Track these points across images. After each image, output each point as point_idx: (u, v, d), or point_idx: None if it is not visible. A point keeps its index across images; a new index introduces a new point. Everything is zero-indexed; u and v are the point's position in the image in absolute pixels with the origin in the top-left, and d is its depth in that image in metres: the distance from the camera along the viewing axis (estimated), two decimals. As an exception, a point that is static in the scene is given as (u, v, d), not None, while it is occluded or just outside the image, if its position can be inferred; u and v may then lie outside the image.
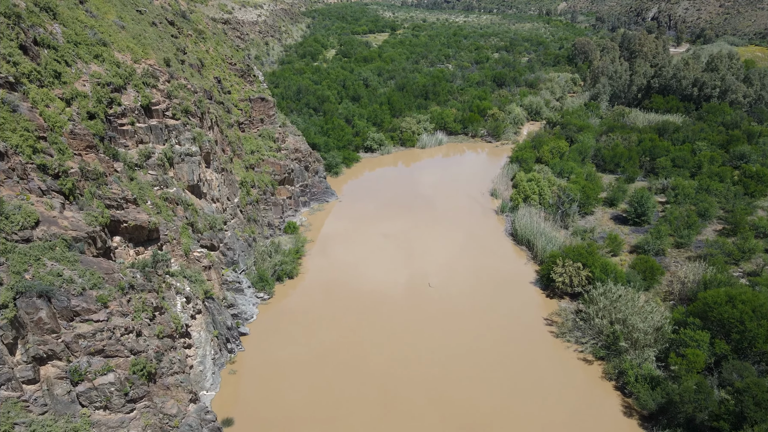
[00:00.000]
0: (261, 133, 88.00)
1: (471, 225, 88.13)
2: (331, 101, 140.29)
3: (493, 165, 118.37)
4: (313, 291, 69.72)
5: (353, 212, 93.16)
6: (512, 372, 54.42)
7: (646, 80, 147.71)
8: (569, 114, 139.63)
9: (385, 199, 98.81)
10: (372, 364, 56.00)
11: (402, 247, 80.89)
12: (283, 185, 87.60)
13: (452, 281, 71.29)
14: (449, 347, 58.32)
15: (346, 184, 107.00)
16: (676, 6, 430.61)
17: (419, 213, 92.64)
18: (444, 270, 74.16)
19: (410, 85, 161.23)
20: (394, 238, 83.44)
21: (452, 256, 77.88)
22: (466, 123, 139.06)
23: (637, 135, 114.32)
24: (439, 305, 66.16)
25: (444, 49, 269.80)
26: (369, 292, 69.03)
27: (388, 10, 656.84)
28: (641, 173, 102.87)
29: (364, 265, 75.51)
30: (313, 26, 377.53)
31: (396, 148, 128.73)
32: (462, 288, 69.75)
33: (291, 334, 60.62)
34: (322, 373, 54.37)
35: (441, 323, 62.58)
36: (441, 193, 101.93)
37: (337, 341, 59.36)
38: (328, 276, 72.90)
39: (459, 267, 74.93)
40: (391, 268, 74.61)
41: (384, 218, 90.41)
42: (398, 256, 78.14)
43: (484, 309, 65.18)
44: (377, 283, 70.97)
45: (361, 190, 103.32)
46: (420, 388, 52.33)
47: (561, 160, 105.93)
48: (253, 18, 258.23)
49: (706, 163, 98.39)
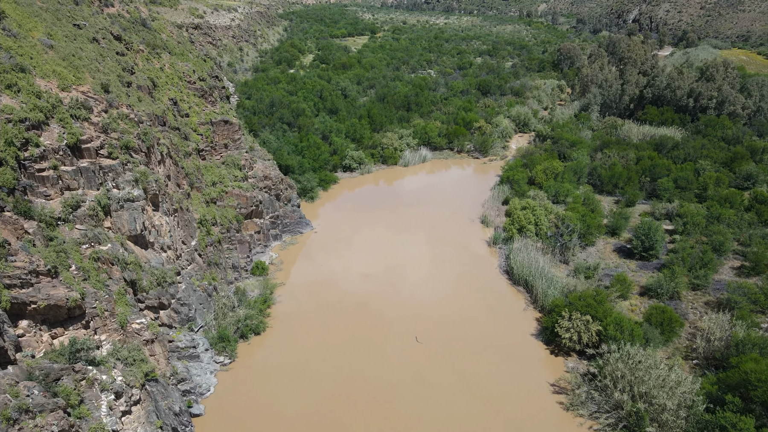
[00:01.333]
0: (225, 161, 78.16)
1: (462, 260, 79.34)
2: (307, 115, 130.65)
3: (481, 185, 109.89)
4: (282, 350, 60.17)
5: (329, 245, 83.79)
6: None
7: (639, 90, 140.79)
8: (560, 127, 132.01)
9: (364, 228, 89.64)
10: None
11: (384, 290, 71.75)
12: (251, 219, 77.90)
13: (442, 335, 62.34)
14: (440, 428, 49.34)
15: (323, 210, 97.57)
16: (656, 8, 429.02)
17: (403, 246, 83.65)
18: (433, 320, 65.18)
19: (391, 96, 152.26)
20: (374, 279, 74.27)
21: (442, 302, 68.93)
22: (451, 137, 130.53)
23: (634, 152, 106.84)
24: (429, 368, 57.15)
25: (425, 54, 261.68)
26: (346, 350, 59.79)
27: (368, 11, 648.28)
28: (642, 195, 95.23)
29: (340, 316, 66.22)
30: (290, 29, 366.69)
31: (377, 166, 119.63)
32: (454, 345, 60.83)
33: (255, 409, 51.09)
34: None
35: (430, 392, 53.57)
36: (427, 219, 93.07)
37: (310, 416, 49.98)
38: (300, 330, 63.42)
39: (450, 316, 66.03)
40: (372, 320, 65.43)
41: (363, 253, 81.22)
42: (379, 302, 68.96)
43: (481, 373, 56.33)
44: (354, 340, 61.75)
45: (339, 218, 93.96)
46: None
47: (556, 181, 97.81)
48: (226, 22, 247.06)
49: (711, 184, 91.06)
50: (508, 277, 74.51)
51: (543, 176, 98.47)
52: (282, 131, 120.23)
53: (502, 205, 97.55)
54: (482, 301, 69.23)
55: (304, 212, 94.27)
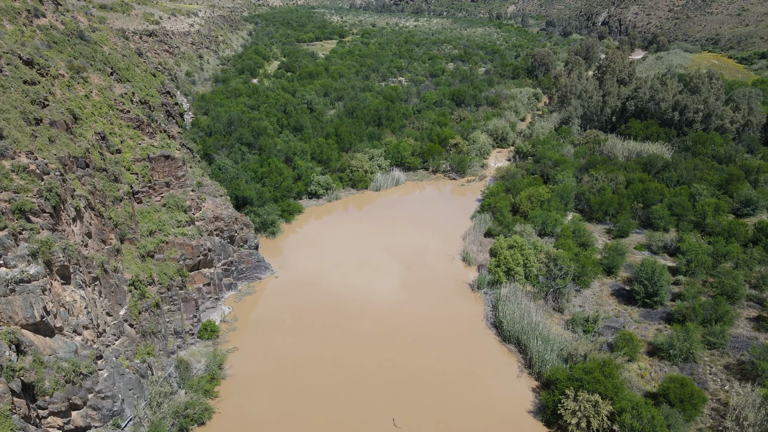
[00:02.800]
0: (166, 202, 66.93)
1: (443, 311, 69.72)
2: (269, 134, 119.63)
3: (460, 211, 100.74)
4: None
5: (290, 294, 73.26)
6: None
7: (621, 102, 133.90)
8: (540, 143, 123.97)
9: (330, 270, 79.39)
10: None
11: (352, 354, 61.65)
12: (198, 270, 66.87)
13: (423, 414, 52.58)
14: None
15: (286, 246, 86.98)
16: (625, 10, 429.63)
17: (374, 293, 73.68)
18: (411, 391, 55.39)
19: (360, 110, 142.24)
20: (340, 339, 64.12)
21: (422, 368, 59.11)
22: (426, 156, 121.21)
23: (623, 174, 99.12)
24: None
25: (396, 60, 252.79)
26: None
27: (336, 13, 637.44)
28: (635, 225, 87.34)
29: (301, 391, 55.88)
30: (255, 33, 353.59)
31: (346, 191, 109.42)
32: (437, 429, 51.15)
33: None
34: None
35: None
36: (402, 257, 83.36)
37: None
38: (254, 414, 52.87)
39: (431, 386, 56.30)
40: (342, 392, 55.29)
41: (328, 305, 70.95)
42: (347, 370, 58.85)
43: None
44: (322, 417, 51.55)
45: (303, 257, 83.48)
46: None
47: (542, 209, 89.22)
48: (185, 28, 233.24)
49: (710, 212, 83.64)
50: (497, 332, 65.16)
51: (528, 204, 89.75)
52: (241, 154, 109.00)
53: (484, 238, 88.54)
54: (469, 364, 59.73)
55: (265, 250, 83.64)
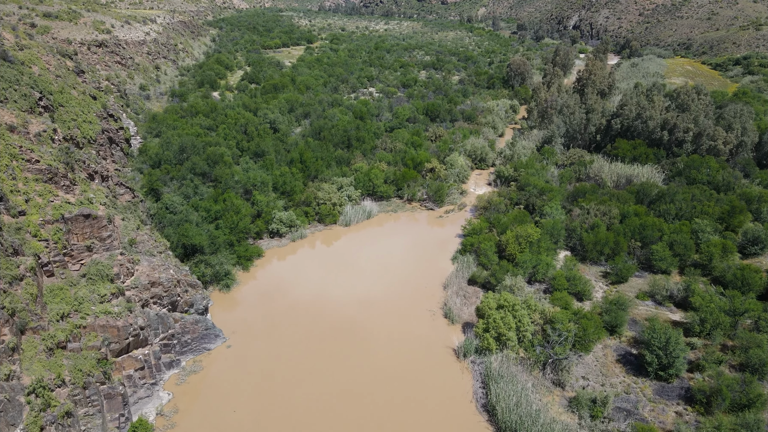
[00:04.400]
0: (87, 272, 54.93)
1: (424, 388, 59.22)
2: (227, 162, 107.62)
3: (440, 249, 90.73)
4: None
5: (243, 369, 61.94)
6: None
7: (606, 120, 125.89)
8: (523, 166, 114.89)
9: (290, 334, 68.33)
10: None
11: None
12: (128, 353, 55.07)
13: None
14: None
15: (241, 303, 75.51)
16: (596, 14, 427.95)
17: (343, 368, 62.90)
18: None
19: (328, 129, 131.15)
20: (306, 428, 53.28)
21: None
22: (400, 183, 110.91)
23: (617, 205, 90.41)
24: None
25: (366, 68, 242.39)
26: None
27: (305, 16, 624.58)
28: (635, 268, 78.51)
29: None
30: (219, 39, 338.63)
31: (312, 226, 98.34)
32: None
33: None
34: None
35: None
36: (376, 314, 72.72)
37: None
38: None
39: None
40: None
41: (285, 382, 59.91)
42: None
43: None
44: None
45: (260, 316, 72.13)
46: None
47: (531, 252, 79.72)
48: (140, 37, 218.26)
49: (717, 254, 75.32)
50: (489, 419, 55.06)
51: (516, 246, 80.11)
52: (193, 188, 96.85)
53: (468, 285, 78.62)
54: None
55: (217, 309, 72.20)
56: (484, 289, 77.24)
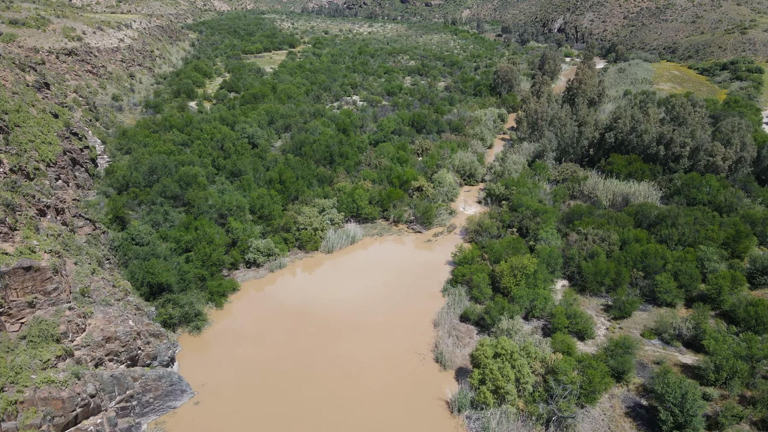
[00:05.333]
0: (28, 333, 48.00)
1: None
2: (200, 183, 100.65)
3: (429, 278, 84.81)
4: None
5: (213, 430, 55.42)
6: None
7: (599, 133, 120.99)
8: (514, 183, 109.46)
9: (268, 383, 61.90)
10: None
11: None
12: (75, 426, 48.21)
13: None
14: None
15: (213, 346, 68.77)
16: (581, 17, 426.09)
17: (325, 416, 56.64)
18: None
19: (310, 144, 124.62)
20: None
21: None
22: (385, 203, 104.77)
23: (616, 230, 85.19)
24: None
25: (350, 75, 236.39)
26: None
27: (288, 19, 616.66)
28: (639, 302, 73.18)
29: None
30: (198, 44, 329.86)
31: (292, 253, 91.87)
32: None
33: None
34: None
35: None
36: (360, 356, 66.51)
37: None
38: None
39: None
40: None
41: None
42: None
43: None
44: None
45: (234, 364, 65.55)
46: None
47: (527, 285, 74.14)
48: (114, 43, 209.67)
49: (726, 286, 70.32)
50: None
51: (511, 279, 74.42)
52: (163, 214, 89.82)
53: (460, 322, 72.76)
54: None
55: (186, 355, 65.48)
56: (477, 327, 71.44)
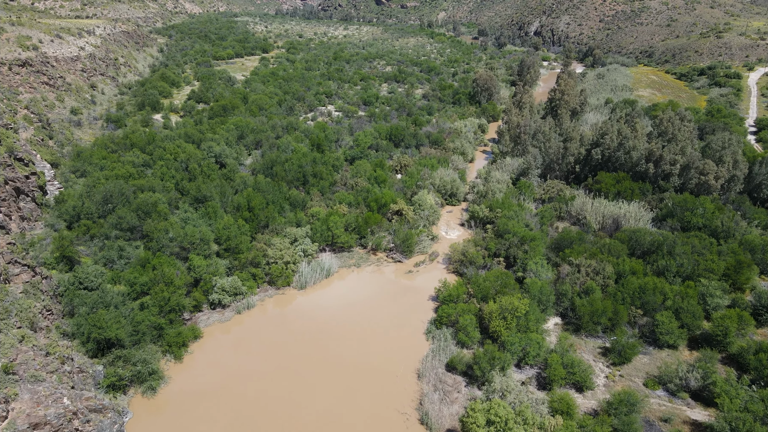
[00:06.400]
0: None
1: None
2: (160, 211, 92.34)
3: (411, 317, 78.10)
4: None
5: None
6: None
7: (585, 149, 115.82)
8: (499, 205, 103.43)
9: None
10: None
11: None
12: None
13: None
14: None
15: (170, 405, 60.92)
16: (557, 20, 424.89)
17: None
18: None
19: (281, 164, 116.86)
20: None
21: None
22: (362, 229, 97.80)
23: (610, 260, 79.59)
24: None
25: (324, 82, 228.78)
26: None
27: (261, 21, 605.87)
28: (640, 346, 67.41)
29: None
30: (167, 49, 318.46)
31: (262, 290, 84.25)
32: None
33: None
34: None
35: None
36: (337, 414, 59.39)
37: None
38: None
39: None
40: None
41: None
42: None
43: None
44: None
45: (195, 426, 57.85)
46: None
47: (518, 329, 67.96)
48: (74, 52, 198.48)
49: (733, 327, 65.07)
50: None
51: (501, 322, 68.08)
52: (118, 251, 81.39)
53: (446, 372, 66.14)
54: None
55: (137, 423, 57.55)
56: (465, 377, 64.92)
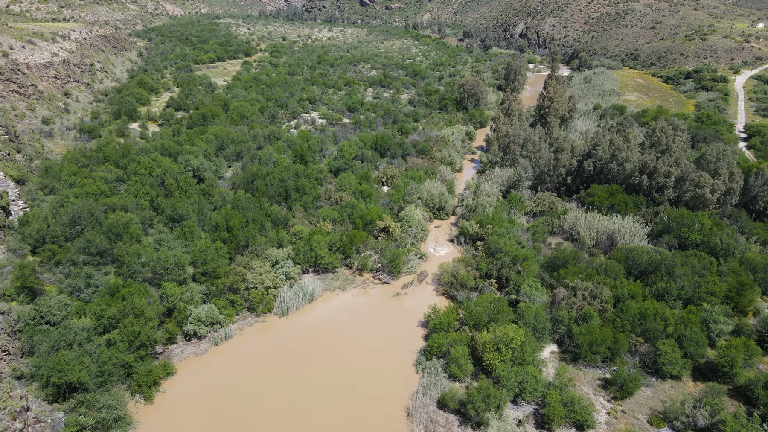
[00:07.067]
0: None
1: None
2: (133, 233, 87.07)
3: (399, 343, 73.74)
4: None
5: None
6: None
7: (576, 160, 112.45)
8: (489, 221, 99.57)
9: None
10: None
11: None
12: None
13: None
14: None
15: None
16: (542, 22, 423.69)
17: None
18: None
19: (263, 179, 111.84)
20: None
21: None
22: (347, 249, 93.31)
23: (607, 282, 75.99)
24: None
25: (308, 88, 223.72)
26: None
27: (244, 23, 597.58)
28: (642, 379, 63.74)
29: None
30: (147, 53, 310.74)
31: (240, 318, 79.31)
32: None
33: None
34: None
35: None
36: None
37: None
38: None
39: None
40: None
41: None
42: None
43: None
44: None
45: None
46: None
47: (513, 361, 64.01)
48: (47, 58, 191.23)
49: (740, 358, 61.69)
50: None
51: (495, 355, 64.04)
52: (85, 279, 75.91)
53: (438, 409, 61.94)
54: None
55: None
56: (459, 417, 60.71)
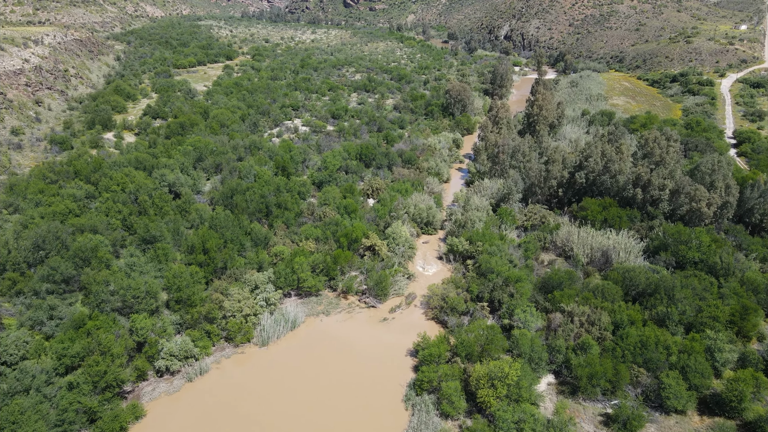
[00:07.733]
0: None
1: None
2: (101, 257, 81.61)
3: (387, 375, 69.28)
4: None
5: None
6: None
7: (568, 172, 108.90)
8: (479, 237, 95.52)
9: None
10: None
11: None
12: None
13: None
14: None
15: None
16: (527, 24, 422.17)
17: None
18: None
19: (242, 193, 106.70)
20: None
21: None
22: (331, 270, 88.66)
23: (606, 306, 72.25)
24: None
25: (291, 93, 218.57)
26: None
27: (226, 25, 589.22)
28: (647, 416, 60.01)
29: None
30: (125, 57, 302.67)
31: (217, 349, 74.27)
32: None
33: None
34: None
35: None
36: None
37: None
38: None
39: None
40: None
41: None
42: None
43: None
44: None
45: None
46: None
47: (509, 398, 59.91)
48: (17, 65, 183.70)
49: (748, 391, 58.23)
50: None
51: (490, 392, 59.87)
52: (48, 310, 70.44)
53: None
54: None
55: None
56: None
